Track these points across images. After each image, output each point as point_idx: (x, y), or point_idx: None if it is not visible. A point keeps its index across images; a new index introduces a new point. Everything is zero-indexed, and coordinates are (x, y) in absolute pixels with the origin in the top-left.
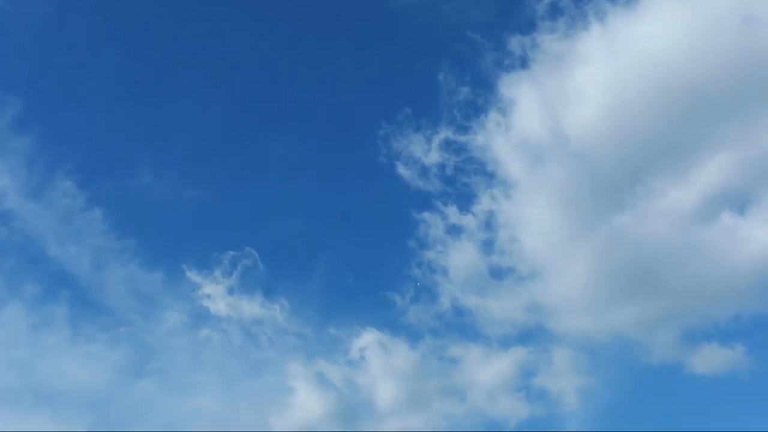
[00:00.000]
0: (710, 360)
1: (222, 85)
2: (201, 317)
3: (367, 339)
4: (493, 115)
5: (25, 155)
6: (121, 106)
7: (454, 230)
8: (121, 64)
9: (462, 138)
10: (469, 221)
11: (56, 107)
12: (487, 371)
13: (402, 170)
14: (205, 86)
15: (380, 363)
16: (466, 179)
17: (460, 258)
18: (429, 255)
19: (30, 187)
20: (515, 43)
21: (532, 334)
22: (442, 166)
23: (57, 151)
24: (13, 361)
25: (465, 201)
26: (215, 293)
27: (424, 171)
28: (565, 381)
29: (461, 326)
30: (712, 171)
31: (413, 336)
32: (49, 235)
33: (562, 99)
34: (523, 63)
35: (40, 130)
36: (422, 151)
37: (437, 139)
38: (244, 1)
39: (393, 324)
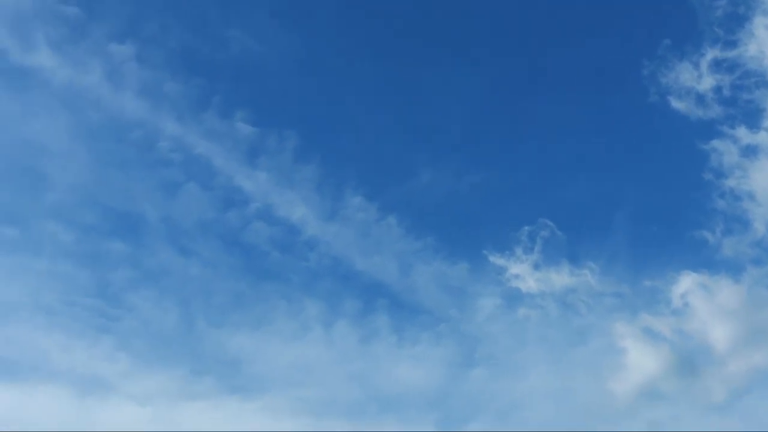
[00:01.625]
0: None
1: (476, 67)
2: (514, 298)
3: (686, 284)
4: (760, 20)
5: (313, 182)
6: (386, 113)
7: (750, 151)
8: (375, 75)
9: (732, 54)
10: (763, 138)
11: (329, 130)
12: None
13: (677, 104)
14: (459, 72)
15: (706, 305)
16: (747, 95)
17: (765, 178)
18: (729, 183)
19: (325, 210)
20: None
21: None
22: (718, 89)
23: (340, 171)
24: (352, 375)
25: (753, 118)
26: (522, 272)
27: (700, 99)
28: None
29: None
30: None
31: (734, 270)
32: (353, 251)
33: None
34: None
35: (320, 155)
36: (693, 78)
37: (705, 63)
38: None
39: (710, 263)
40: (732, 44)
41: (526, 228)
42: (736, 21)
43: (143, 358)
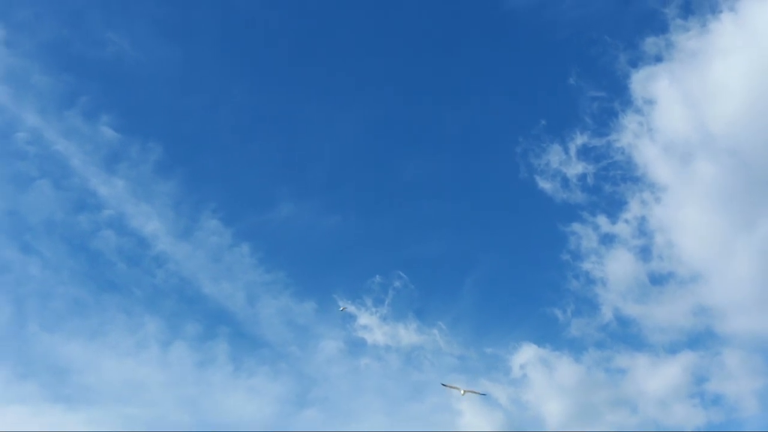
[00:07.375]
0: None
1: (353, 112)
2: (358, 344)
3: (527, 355)
4: (633, 117)
5: (171, 198)
6: (256, 141)
7: (607, 239)
8: (251, 101)
9: (601, 142)
10: (621, 229)
11: (195, 149)
12: (657, 379)
13: (544, 184)
14: (336, 114)
15: (544, 379)
16: (611, 186)
17: (618, 267)
18: (585, 266)
19: (179, 228)
20: (648, 41)
21: (700, 338)
22: (583, 176)
23: (200, 191)
24: (183, 399)
25: (614, 208)
26: (370, 323)
27: (566, 182)
28: (740, 384)
29: (625, 336)
30: None
31: (577, 349)
32: (202, 274)
33: (704, 95)
34: (658, 60)
35: (182, 172)
36: (562, 162)
37: (575, 147)
38: (367, 28)
39: (554, 339)
40: (602, 134)
41: (379, 277)
42: (610, 114)
43: None
